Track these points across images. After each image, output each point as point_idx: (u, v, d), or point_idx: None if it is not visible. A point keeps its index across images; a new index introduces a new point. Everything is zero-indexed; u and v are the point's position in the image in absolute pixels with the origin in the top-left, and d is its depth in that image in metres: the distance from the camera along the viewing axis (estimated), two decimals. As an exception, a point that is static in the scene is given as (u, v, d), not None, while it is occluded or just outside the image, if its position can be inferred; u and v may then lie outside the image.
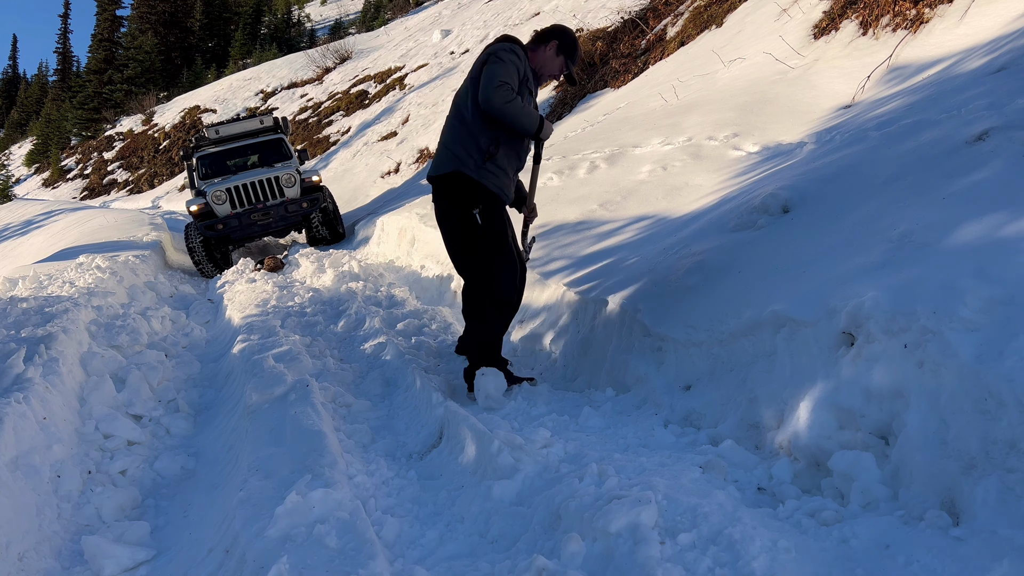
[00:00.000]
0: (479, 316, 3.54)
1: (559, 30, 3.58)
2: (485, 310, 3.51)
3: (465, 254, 3.51)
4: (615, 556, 1.85)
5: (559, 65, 3.57)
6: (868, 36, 5.94)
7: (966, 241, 2.16)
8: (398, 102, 18.94)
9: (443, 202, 3.52)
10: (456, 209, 3.46)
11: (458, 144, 3.40)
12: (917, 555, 1.66)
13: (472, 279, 3.54)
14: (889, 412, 2.00)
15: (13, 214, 21.56)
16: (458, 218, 3.45)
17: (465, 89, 3.44)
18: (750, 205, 3.45)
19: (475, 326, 3.58)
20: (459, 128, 3.42)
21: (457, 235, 3.51)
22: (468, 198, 3.40)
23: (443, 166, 3.45)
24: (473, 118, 3.36)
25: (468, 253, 3.50)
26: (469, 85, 3.39)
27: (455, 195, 3.44)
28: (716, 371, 2.77)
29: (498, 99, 3.20)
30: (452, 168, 3.40)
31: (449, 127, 3.50)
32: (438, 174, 3.48)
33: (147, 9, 51.89)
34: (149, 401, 4.00)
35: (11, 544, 2.37)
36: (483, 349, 3.53)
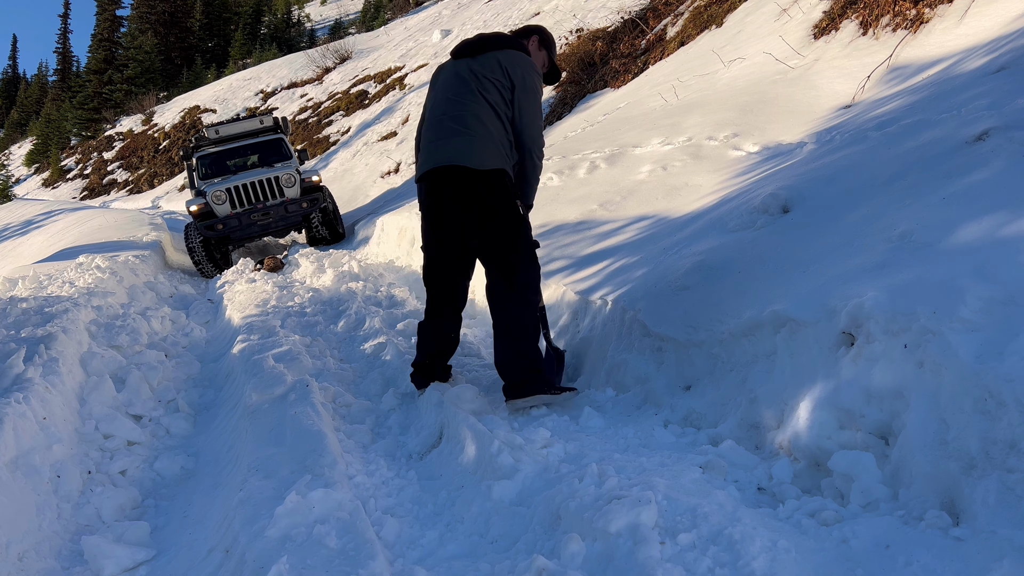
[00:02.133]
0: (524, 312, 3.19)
1: (535, 26, 3.59)
2: (528, 308, 3.21)
3: (514, 250, 3.22)
4: (615, 556, 1.85)
5: (543, 59, 3.55)
6: (868, 36, 5.94)
7: (966, 241, 2.16)
8: (398, 102, 18.94)
9: (489, 198, 3.19)
10: (506, 203, 3.20)
11: (501, 143, 3.22)
12: (917, 555, 1.66)
13: (515, 277, 3.20)
14: (889, 412, 2.00)
15: (13, 214, 21.56)
16: (507, 212, 3.20)
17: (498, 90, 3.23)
18: (750, 205, 3.45)
19: (520, 328, 3.18)
20: (501, 130, 3.23)
21: (503, 231, 3.21)
22: (514, 195, 3.26)
23: (491, 160, 3.18)
24: (507, 133, 3.25)
25: (515, 248, 3.23)
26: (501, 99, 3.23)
27: (502, 190, 3.20)
28: (716, 371, 2.77)
29: (540, 154, 3.32)
30: (501, 165, 3.20)
31: (489, 120, 3.22)
32: (486, 168, 3.17)
33: (147, 9, 51.91)
34: (149, 401, 4.00)
35: (11, 544, 2.37)
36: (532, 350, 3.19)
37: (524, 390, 3.10)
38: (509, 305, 3.20)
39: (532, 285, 3.23)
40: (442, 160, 3.23)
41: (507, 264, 3.21)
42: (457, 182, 3.21)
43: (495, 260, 3.25)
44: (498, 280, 3.24)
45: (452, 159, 3.19)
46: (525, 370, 3.12)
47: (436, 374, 3.49)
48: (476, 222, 3.22)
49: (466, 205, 3.21)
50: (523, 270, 3.20)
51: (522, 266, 3.21)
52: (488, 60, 3.25)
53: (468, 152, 3.17)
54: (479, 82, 3.23)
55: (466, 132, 3.20)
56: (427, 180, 3.34)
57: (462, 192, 3.20)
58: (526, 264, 3.23)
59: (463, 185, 3.19)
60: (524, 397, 3.09)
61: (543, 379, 3.13)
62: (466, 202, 3.21)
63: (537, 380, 3.10)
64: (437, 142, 3.28)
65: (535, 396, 3.09)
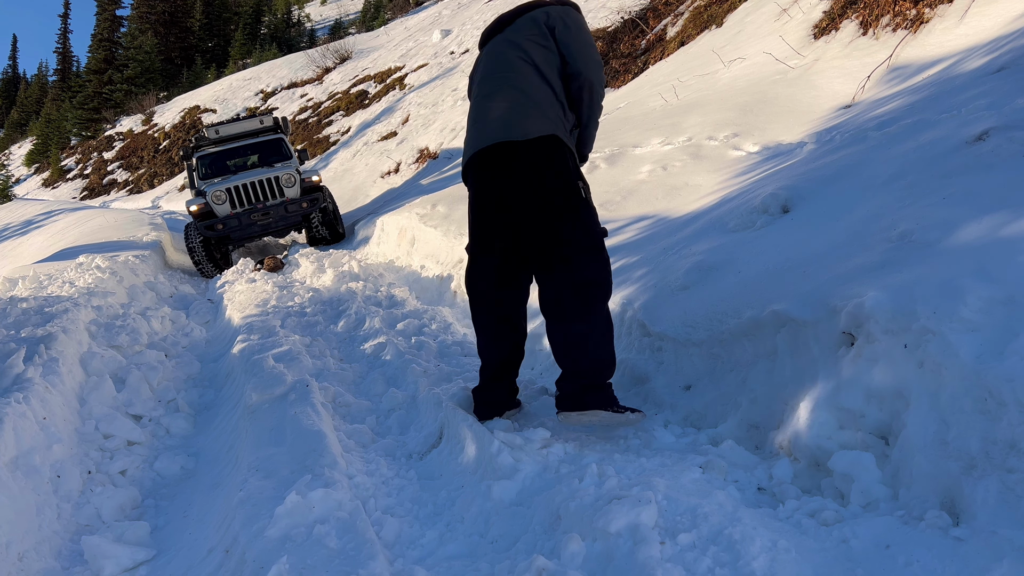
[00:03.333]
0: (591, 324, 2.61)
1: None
2: (595, 306, 2.62)
3: (569, 238, 2.62)
4: (615, 556, 1.85)
5: None
6: (868, 36, 5.94)
7: (966, 241, 2.16)
8: (398, 102, 18.93)
9: (537, 171, 2.65)
10: (559, 179, 2.66)
11: (548, 107, 2.73)
12: (917, 555, 1.66)
13: (574, 275, 2.62)
14: (889, 412, 2.00)
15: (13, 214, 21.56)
16: (561, 190, 2.65)
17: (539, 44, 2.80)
18: (750, 205, 3.45)
19: (586, 329, 2.61)
20: (547, 89, 2.75)
21: (557, 213, 2.63)
22: (572, 167, 2.72)
23: (535, 126, 2.68)
24: (555, 93, 2.77)
25: (570, 236, 2.63)
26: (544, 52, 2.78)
27: (557, 162, 2.67)
28: (716, 371, 2.77)
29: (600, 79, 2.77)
30: (550, 131, 2.68)
31: (529, 83, 2.75)
32: (530, 137, 2.67)
33: (147, 9, 51.91)
34: (149, 401, 4.00)
35: (11, 544, 2.37)
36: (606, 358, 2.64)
37: (583, 403, 2.58)
38: (570, 316, 2.60)
39: (601, 285, 2.64)
40: (482, 142, 2.78)
41: (562, 257, 2.61)
42: (499, 160, 2.72)
43: (546, 252, 2.66)
44: (553, 279, 2.66)
45: (492, 138, 2.75)
46: (583, 384, 2.61)
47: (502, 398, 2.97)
48: (524, 204, 2.68)
49: (511, 185, 2.70)
50: (584, 265, 2.60)
51: (583, 260, 2.60)
52: (521, 23, 2.87)
53: (509, 125, 2.72)
54: (517, 48, 2.82)
55: (506, 106, 2.77)
56: (471, 170, 2.87)
57: (505, 170, 2.70)
58: (589, 257, 2.61)
59: (505, 161, 2.70)
60: (581, 411, 2.57)
61: (605, 394, 2.60)
62: (510, 180, 2.69)
63: (597, 395, 2.58)
64: (476, 126, 2.87)
65: (593, 412, 2.57)
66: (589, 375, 2.61)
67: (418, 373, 3.71)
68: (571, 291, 2.60)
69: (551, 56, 2.76)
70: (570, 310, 2.60)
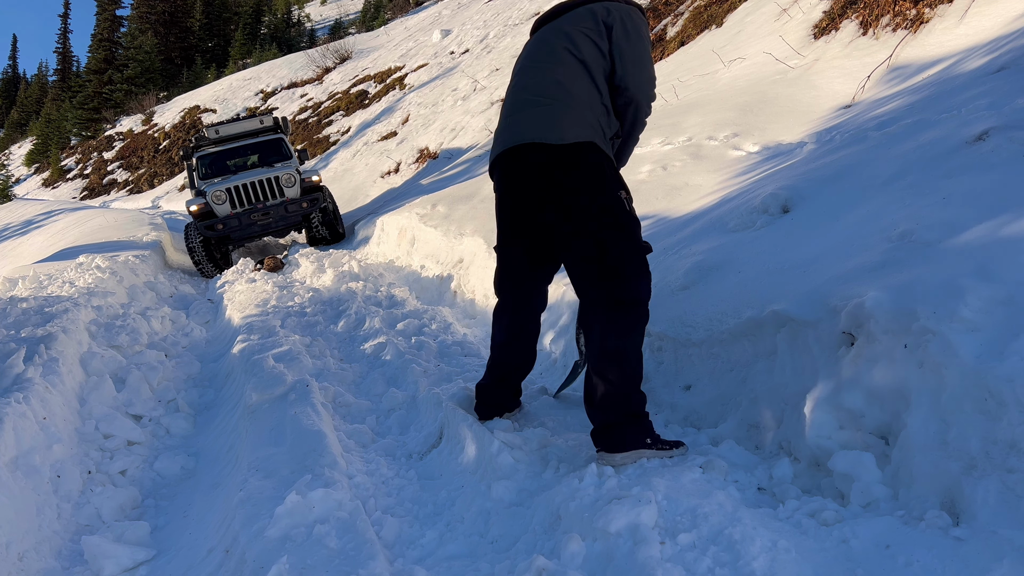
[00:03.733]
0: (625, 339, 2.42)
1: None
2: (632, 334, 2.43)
3: (607, 251, 2.43)
4: (615, 556, 1.85)
5: None
6: (868, 36, 5.94)
7: (967, 241, 2.16)
8: (398, 102, 18.94)
9: (570, 180, 2.46)
10: (595, 186, 2.45)
11: (589, 109, 2.51)
12: (917, 555, 1.66)
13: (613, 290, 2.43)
14: (889, 412, 2.00)
15: (13, 214, 21.56)
16: (598, 199, 2.45)
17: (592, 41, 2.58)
18: (750, 205, 3.45)
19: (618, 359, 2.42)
20: (592, 89, 2.53)
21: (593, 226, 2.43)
22: (612, 176, 2.50)
23: (572, 131, 2.48)
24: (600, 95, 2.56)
25: (609, 249, 2.43)
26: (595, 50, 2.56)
27: (596, 170, 2.47)
28: (716, 371, 2.77)
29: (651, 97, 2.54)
30: (588, 138, 2.48)
31: (573, 80, 2.54)
32: (566, 142, 2.47)
33: (147, 9, 51.93)
34: (149, 401, 4.00)
35: (11, 544, 2.37)
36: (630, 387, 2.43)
37: (624, 443, 2.38)
38: (606, 331, 2.42)
39: (639, 302, 2.45)
40: (512, 140, 2.60)
41: (601, 273, 2.43)
42: (530, 163, 2.54)
43: (583, 267, 2.49)
44: (590, 295, 2.50)
45: (524, 136, 2.56)
46: (620, 413, 2.41)
47: (505, 399, 2.96)
48: (556, 214, 2.49)
49: (542, 192, 2.52)
50: (624, 280, 2.42)
51: (623, 275, 2.42)
52: (579, 13, 2.64)
53: (544, 124, 2.52)
54: (567, 39, 2.61)
55: (543, 102, 2.56)
56: (499, 167, 2.70)
57: (536, 175, 2.53)
58: (629, 272, 2.43)
59: (537, 166, 2.52)
60: (623, 453, 2.37)
61: (644, 428, 2.42)
62: (542, 188, 2.52)
63: (637, 431, 2.40)
64: (509, 118, 2.68)
65: (636, 452, 2.37)
66: (621, 398, 2.42)
67: (418, 373, 3.71)
68: (613, 310, 2.42)
69: (601, 57, 2.56)
70: (609, 333, 2.42)
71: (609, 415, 2.43)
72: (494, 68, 15.83)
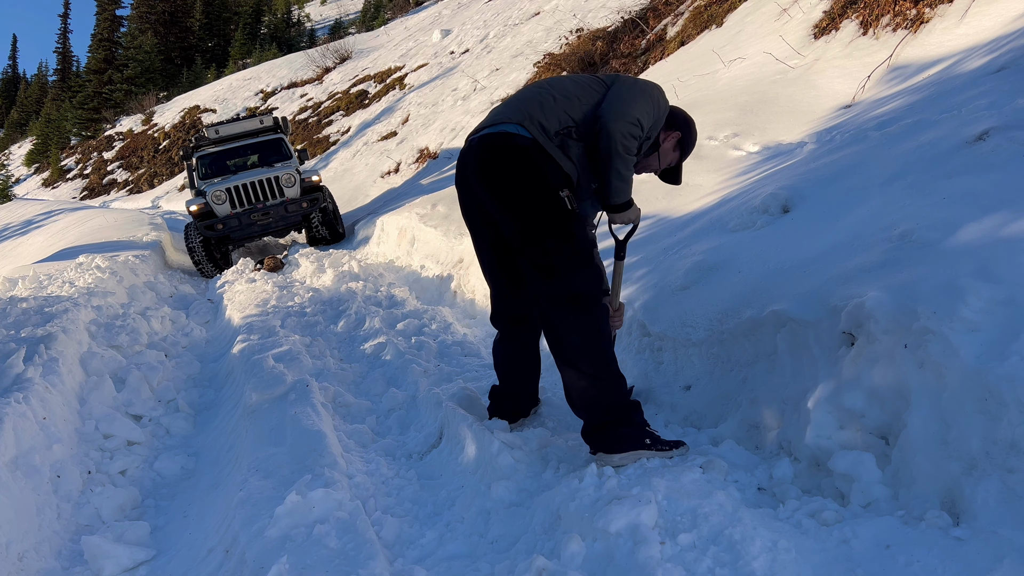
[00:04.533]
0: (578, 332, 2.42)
1: (686, 120, 2.72)
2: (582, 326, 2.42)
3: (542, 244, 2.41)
4: (615, 556, 1.85)
5: (669, 161, 2.77)
6: (868, 36, 5.94)
7: (967, 241, 2.15)
8: (398, 102, 18.94)
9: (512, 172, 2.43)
10: (537, 183, 2.40)
11: (544, 113, 2.47)
12: (918, 555, 1.66)
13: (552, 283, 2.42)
14: (890, 412, 2.00)
15: (13, 214, 21.56)
16: (539, 195, 2.41)
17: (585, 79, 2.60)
18: (750, 205, 3.45)
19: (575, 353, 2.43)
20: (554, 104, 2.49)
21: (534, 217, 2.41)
22: (553, 175, 2.42)
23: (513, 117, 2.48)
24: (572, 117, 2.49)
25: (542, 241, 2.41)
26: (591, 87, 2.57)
27: (534, 167, 2.41)
28: (716, 371, 2.77)
29: (621, 129, 2.40)
30: (530, 135, 2.42)
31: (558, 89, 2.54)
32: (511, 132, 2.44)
33: (147, 9, 51.91)
34: (149, 401, 4.00)
35: (11, 544, 2.37)
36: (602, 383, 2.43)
37: (620, 444, 2.38)
38: (557, 328, 2.44)
39: (583, 295, 2.42)
40: (473, 134, 2.61)
41: (536, 267, 2.43)
42: (472, 153, 2.55)
43: (524, 261, 2.49)
44: (534, 291, 2.51)
45: (475, 128, 2.60)
46: (604, 408, 2.42)
47: (521, 404, 2.95)
48: (496, 204, 2.50)
49: (480, 184, 2.52)
50: (562, 275, 2.41)
51: (559, 269, 2.40)
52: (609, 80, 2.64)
53: (492, 118, 2.54)
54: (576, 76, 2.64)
55: (513, 101, 2.56)
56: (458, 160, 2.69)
57: (474, 164, 2.52)
58: (566, 266, 2.41)
59: (476, 155, 2.52)
60: (620, 454, 2.37)
61: (639, 427, 2.41)
62: (480, 178, 2.51)
63: (632, 430, 2.39)
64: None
65: (635, 452, 2.36)
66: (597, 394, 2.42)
67: (418, 373, 3.71)
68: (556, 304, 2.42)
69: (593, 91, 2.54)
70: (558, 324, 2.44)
71: (594, 413, 2.43)
72: (494, 68, 15.83)
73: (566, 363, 2.46)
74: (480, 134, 2.54)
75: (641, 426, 2.42)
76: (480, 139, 2.52)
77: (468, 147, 2.59)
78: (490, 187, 2.49)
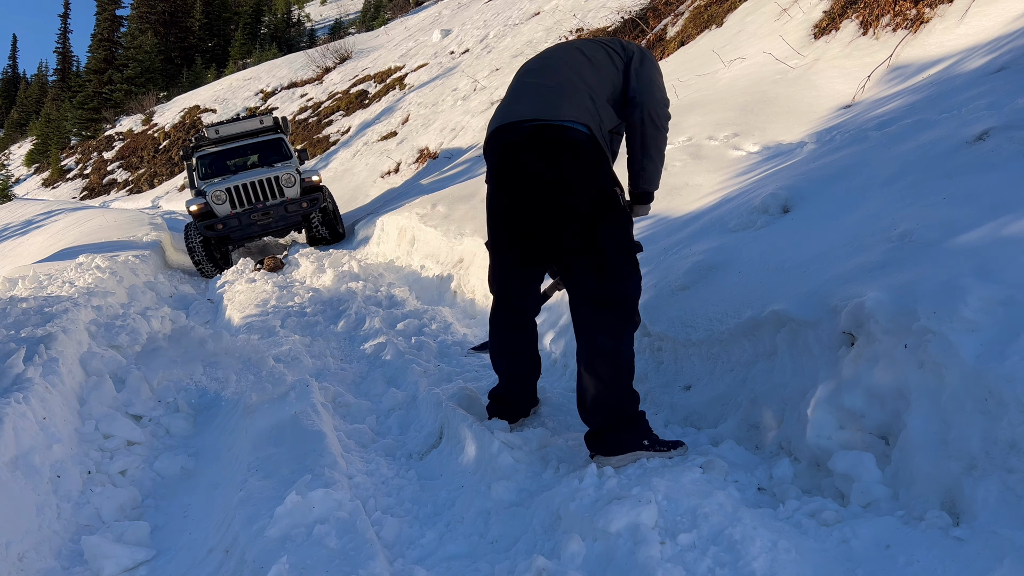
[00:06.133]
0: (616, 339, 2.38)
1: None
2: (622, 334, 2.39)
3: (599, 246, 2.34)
4: (615, 556, 1.85)
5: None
6: (868, 36, 5.94)
7: (967, 241, 2.15)
8: (398, 102, 18.94)
9: (576, 169, 2.34)
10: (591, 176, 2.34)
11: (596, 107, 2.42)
12: (918, 555, 1.66)
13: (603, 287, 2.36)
14: (890, 412, 2.00)
15: (13, 214, 21.56)
16: (603, 193, 2.35)
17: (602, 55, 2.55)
18: (750, 205, 3.45)
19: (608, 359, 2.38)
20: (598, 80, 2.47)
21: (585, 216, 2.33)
22: (606, 169, 2.38)
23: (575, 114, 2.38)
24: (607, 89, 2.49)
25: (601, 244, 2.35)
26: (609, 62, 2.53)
27: (596, 164, 2.35)
28: (716, 371, 2.77)
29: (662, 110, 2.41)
30: (585, 122, 2.36)
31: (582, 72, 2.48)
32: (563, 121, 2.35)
33: (147, 9, 51.91)
34: (149, 401, 4.00)
35: (11, 544, 2.37)
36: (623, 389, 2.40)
37: (618, 445, 2.37)
38: (593, 329, 2.39)
39: (629, 300, 2.40)
40: (510, 117, 2.47)
41: (592, 268, 2.36)
42: (526, 142, 2.40)
43: (575, 261, 2.39)
44: (580, 291, 2.42)
45: (522, 114, 2.44)
46: (613, 414, 2.39)
47: (520, 405, 2.95)
48: (549, 202, 2.37)
49: (534, 176, 2.39)
50: (615, 278, 2.36)
51: (614, 271, 2.35)
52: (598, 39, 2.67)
53: (546, 104, 2.41)
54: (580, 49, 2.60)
55: (550, 83, 2.47)
56: (492, 145, 2.54)
57: (532, 154, 2.38)
58: (621, 270, 2.37)
59: (533, 145, 2.38)
60: (618, 455, 2.36)
61: (640, 429, 2.40)
62: (534, 169, 2.38)
63: (632, 431, 2.39)
64: (507, 100, 2.58)
65: (633, 453, 2.36)
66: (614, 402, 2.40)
67: (418, 373, 3.71)
68: (604, 308, 2.37)
69: (615, 71, 2.51)
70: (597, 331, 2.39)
71: (601, 418, 2.41)
72: (494, 68, 15.83)
73: (589, 366, 2.40)
74: (533, 123, 2.38)
75: (643, 427, 2.43)
76: (536, 129, 2.37)
77: (513, 137, 2.43)
78: (549, 183, 2.36)
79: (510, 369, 2.92)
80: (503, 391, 2.96)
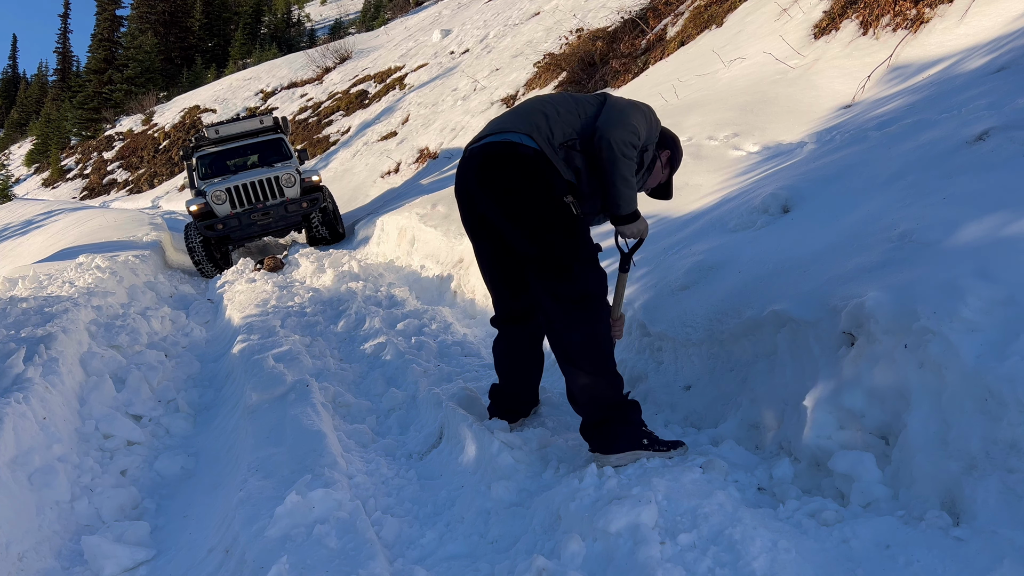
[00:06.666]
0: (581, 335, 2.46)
1: (673, 138, 2.82)
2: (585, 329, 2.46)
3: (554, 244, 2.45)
4: (615, 556, 1.85)
5: (660, 179, 2.85)
6: (868, 36, 5.94)
7: (967, 241, 2.15)
8: (398, 102, 18.93)
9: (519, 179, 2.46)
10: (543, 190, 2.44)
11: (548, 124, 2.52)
12: (918, 555, 1.66)
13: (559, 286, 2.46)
14: (890, 412, 2.00)
15: (13, 214, 21.56)
16: (546, 200, 2.45)
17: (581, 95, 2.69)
18: (750, 205, 3.45)
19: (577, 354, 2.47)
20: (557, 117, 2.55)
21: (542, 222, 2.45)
22: (557, 183, 2.47)
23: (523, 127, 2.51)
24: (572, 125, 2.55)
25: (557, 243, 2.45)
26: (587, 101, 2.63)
27: (539, 174, 2.45)
28: (716, 371, 2.77)
29: (621, 137, 2.44)
30: (536, 145, 2.47)
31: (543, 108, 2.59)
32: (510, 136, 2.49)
33: (147, 9, 51.91)
34: (149, 401, 4.00)
35: (11, 544, 2.37)
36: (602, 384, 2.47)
37: (617, 444, 2.42)
38: (561, 327, 2.48)
39: (594, 296, 2.47)
40: (474, 142, 2.64)
41: (551, 272, 2.46)
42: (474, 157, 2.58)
43: (532, 265, 2.51)
44: (545, 292, 2.50)
45: (480, 135, 2.63)
46: (602, 406, 2.46)
47: (520, 405, 2.98)
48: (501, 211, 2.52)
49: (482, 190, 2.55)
50: (575, 280, 2.45)
51: (574, 275, 2.45)
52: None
53: (500, 123, 2.58)
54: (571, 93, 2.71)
55: (513, 111, 2.62)
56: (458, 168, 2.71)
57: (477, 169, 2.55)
58: (580, 273, 2.46)
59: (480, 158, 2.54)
60: (618, 454, 2.41)
61: (633, 420, 2.46)
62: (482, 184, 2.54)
63: (626, 424, 2.44)
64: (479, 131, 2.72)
65: (633, 453, 2.41)
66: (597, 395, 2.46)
67: (418, 373, 3.71)
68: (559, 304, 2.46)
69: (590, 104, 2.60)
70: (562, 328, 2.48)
71: (592, 410, 2.48)
72: (494, 68, 15.83)
73: (568, 361, 2.50)
74: (482, 142, 2.57)
75: (639, 425, 2.45)
76: (483, 147, 2.55)
77: (469, 155, 2.62)
78: (495, 195, 2.52)
79: (510, 367, 2.94)
80: (503, 389, 2.97)
